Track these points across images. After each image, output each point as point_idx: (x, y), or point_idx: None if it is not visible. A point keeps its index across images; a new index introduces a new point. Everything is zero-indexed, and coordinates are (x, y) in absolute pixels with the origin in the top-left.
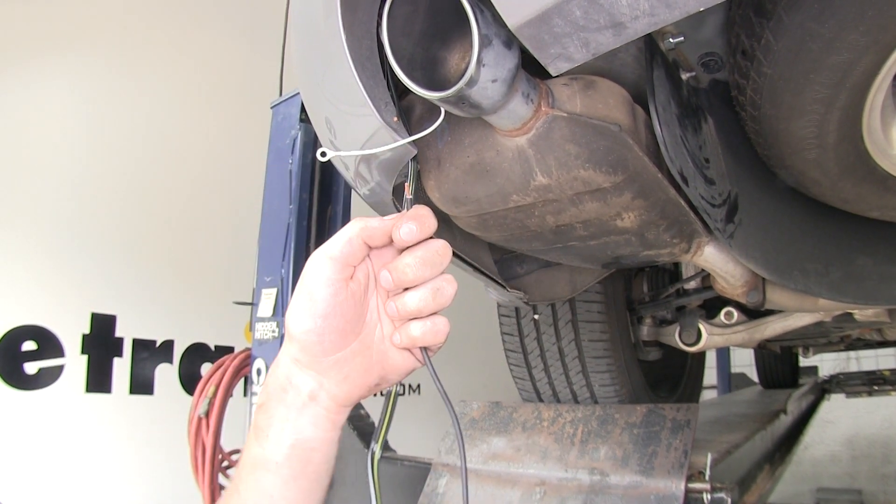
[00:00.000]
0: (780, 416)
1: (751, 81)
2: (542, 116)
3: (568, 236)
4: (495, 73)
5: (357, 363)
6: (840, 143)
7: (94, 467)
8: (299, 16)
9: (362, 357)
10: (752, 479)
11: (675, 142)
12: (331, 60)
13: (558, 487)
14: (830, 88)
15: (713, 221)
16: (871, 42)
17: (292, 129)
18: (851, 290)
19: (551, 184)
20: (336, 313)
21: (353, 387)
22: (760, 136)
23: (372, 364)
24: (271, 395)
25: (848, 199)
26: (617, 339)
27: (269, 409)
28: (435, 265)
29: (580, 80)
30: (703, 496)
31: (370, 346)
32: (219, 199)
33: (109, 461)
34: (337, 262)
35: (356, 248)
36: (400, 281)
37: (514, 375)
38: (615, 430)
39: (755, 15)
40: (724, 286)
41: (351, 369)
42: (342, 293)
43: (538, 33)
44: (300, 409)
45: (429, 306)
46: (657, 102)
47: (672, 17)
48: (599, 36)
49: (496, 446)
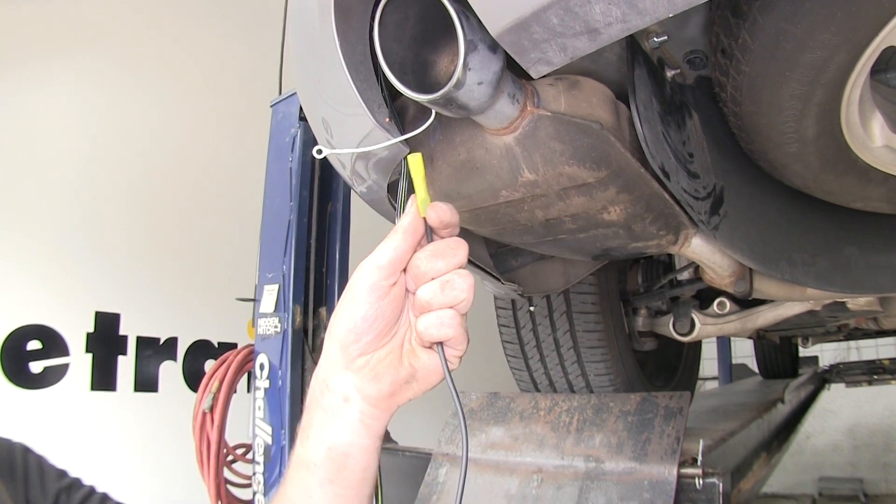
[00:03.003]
0: (777, 405)
1: (731, 79)
2: (527, 116)
3: (557, 229)
4: (481, 75)
5: (387, 361)
6: (819, 137)
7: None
8: (296, 21)
9: (393, 355)
10: (747, 467)
11: (657, 138)
12: (326, 64)
13: (555, 475)
14: (806, 85)
15: (697, 214)
16: (842, 41)
17: (292, 127)
18: (838, 280)
19: (538, 180)
20: (376, 315)
21: (383, 385)
22: (742, 131)
23: (401, 361)
24: (312, 397)
25: (831, 191)
26: (611, 329)
27: (309, 411)
28: (447, 257)
29: (565, 81)
30: (695, 481)
31: (401, 344)
32: (220, 197)
33: (115, 458)
34: (383, 269)
35: (401, 253)
36: (415, 275)
37: (511, 366)
38: (610, 419)
39: (732, 16)
40: (713, 276)
41: (381, 367)
42: (385, 297)
43: (518, 39)
44: (336, 413)
45: (437, 299)
46: (638, 100)
47: (644, 23)
48: (576, 41)
49: (495, 435)
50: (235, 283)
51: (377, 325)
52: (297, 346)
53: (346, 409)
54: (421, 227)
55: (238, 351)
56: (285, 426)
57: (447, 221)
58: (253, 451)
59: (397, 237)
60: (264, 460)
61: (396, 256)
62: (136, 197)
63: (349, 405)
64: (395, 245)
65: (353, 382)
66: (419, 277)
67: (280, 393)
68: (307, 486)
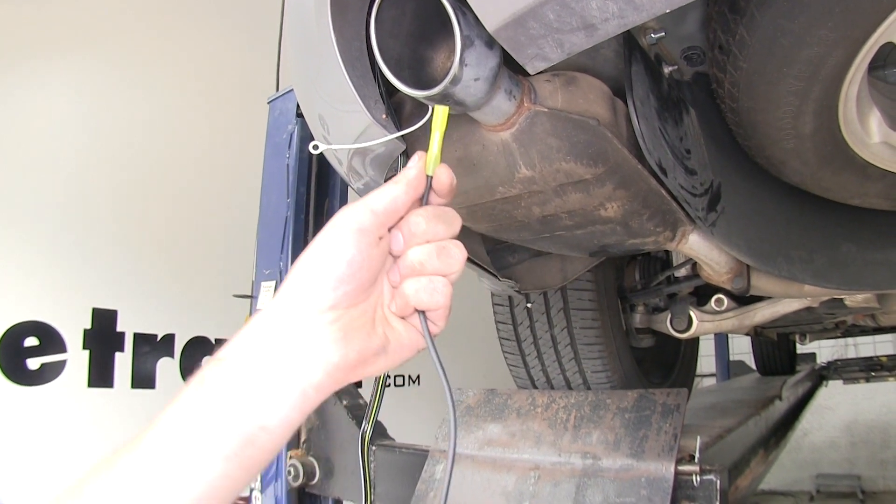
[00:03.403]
0: (774, 401)
1: (728, 75)
2: (524, 112)
3: (554, 226)
4: (478, 71)
5: (360, 324)
6: (817, 133)
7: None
8: (293, 19)
9: (366, 320)
10: (745, 464)
11: (654, 134)
12: (323, 61)
13: (552, 472)
14: (804, 81)
15: (694, 210)
16: (840, 37)
17: (289, 123)
18: (836, 276)
19: (535, 176)
20: (362, 263)
21: (350, 350)
22: (740, 127)
23: (374, 328)
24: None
25: (829, 188)
26: (608, 326)
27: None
28: (448, 223)
29: (562, 77)
30: (692, 478)
31: (374, 309)
32: (218, 193)
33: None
34: (377, 216)
35: (399, 205)
36: (410, 234)
37: (508, 363)
38: (607, 415)
39: (730, 12)
40: (710, 273)
41: (352, 329)
42: (374, 246)
43: (515, 35)
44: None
45: (431, 263)
46: (635, 97)
47: (640, 19)
48: (572, 37)
49: (491, 432)
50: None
51: (360, 276)
52: None
53: (291, 371)
54: (423, 185)
55: None
56: None
57: (451, 188)
58: None
59: (399, 188)
60: None
61: (394, 207)
62: (133, 194)
63: (297, 367)
64: (396, 195)
65: (314, 339)
66: (413, 237)
67: None
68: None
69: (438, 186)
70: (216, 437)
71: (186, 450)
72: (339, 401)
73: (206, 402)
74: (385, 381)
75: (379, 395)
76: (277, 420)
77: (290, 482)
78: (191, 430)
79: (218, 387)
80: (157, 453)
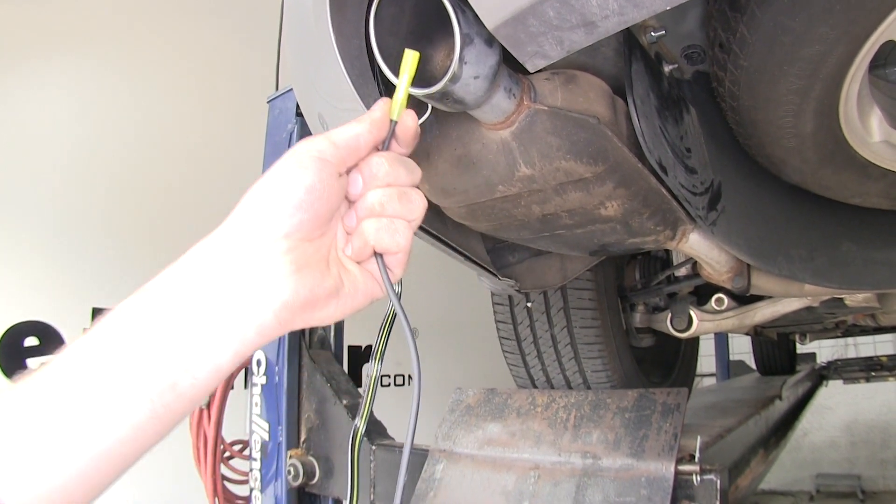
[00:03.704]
0: (774, 401)
1: (728, 73)
2: (524, 110)
3: (554, 225)
4: (477, 69)
5: (315, 261)
6: (818, 132)
7: None
8: (291, 17)
9: (320, 258)
10: (745, 463)
11: (654, 133)
12: (322, 59)
13: (552, 471)
14: (804, 79)
15: (694, 209)
16: (841, 35)
17: (289, 122)
18: (836, 276)
19: (535, 174)
20: (322, 192)
21: (302, 287)
22: (740, 125)
23: (328, 268)
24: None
25: (829, 187)
26: (608, 325)
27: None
28: (409, 170)
29: (562, 75)
30: (692, 478)
31: (329, 250)
32: (218, 192)
33: None
34: (338, 149)
35: (361, 143)
36: (370, 175)
37: (508, 363)
38: (607, 415)
39: (730, 10)
40: (710, 272)
41: (306, 265)
42: (334, 180)
43: (515, 33)
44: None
45: (392, 205)
46: (635, 95)
47: (641, 16)
48: (572, 34)
49: (491, 432)
50: None
51: (318, 207)
52: (294, 342)
53: (234, 306)
54: (385, 129)
55: None
56: (282, 423)
57: (414, 135)
58: (250, 448)
59: (362, 126)
60: (261, 457)
61: (356, 144)
62: (133, 193)
63: (242, 302)
64: (358, 132)
65: (264, 270)
66: (374, 180)
67: (277, 389)
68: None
69: (403, 133)
70: (131, 381)
71: (91, 392)
72: (338, 400)
73: (125, 337)
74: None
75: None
76: (208, 366)
77: (289, 482)
78: (101, 370)
79: (148, 320)
80: (56, 394)
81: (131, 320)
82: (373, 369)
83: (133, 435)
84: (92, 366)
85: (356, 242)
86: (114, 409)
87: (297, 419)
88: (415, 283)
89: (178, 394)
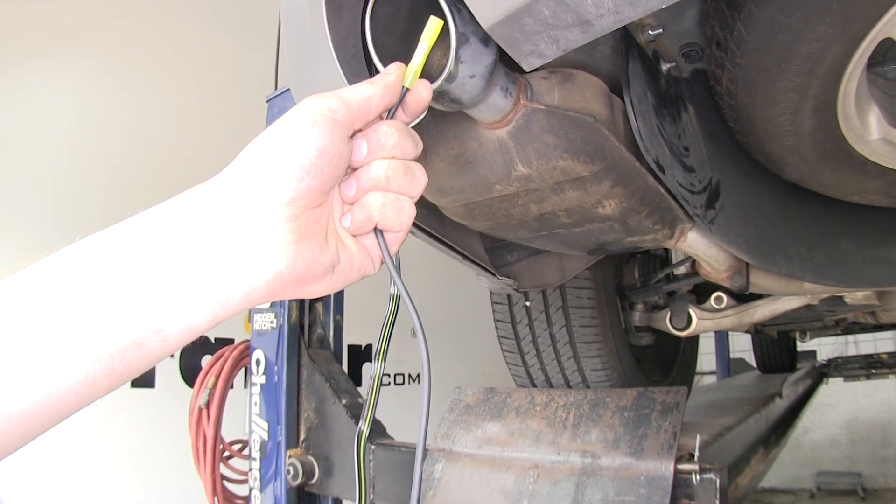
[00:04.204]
0: (775, 399)
1: (726, 71)
2: (521, 109)
3: (552, 224)
4: (473, 69)
5: (315, 230)
6: (816, 130)
7: (96, 460)
8: (288, 16)
9: (319, 229)
10: (745, 462)
11: (651, 131)
12: (318, 58)
13: (551, 470)
14: (802, 77)
15: (692, 208)
16: (838, 32)
17: None
18: (835, 274)
19: (532, 173)
20: (331, 156)
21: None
22: (738, 124)
23: (327, 241)
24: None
25: (828, 184)
26: (607, 324)
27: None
28: (416, 142)
29: (558, 74)
30: (692, 477)
31: (329, 220)
32: None
33: (111, 454)
34: (350, 109)
35: (373, 106)
36: (378, 146)
37: (507, 362)
38: (606, 414)
39: (727, 8)
40: (709, 271)
41: (307, 234)
42: (344, 144)
43: (510, 32)
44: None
45: (397, 180)
46: (632, 94)
47: (636, 14)
48: (568, 33)
49: (491, 431)
50: None
51: (327, 171)
52: (294, 342)
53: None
54: (397, 95)
55: (234, 346)
56: (281, 422)
57: (424, 106)
58: (249, 447)
59: (374, 89)
60: (260, 456)
61: (367, 107)
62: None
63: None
64: (370, 94)
65: (263, 235)
66: (380, 149)
67: (276, 389)
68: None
69: (414, 102)
70: (92, 333)
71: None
72: (338, 400)
73: (92, 278)
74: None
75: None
76: (181, 326)
77: (289, 481)
78: (59, 313)
79: (117, 266)
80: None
81: (101, 260)
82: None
83: (80, 389)
84: (48, 304)
85: (358, 215)
86: (65, 361)
87: (297, 418)
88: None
89: (143, 353)
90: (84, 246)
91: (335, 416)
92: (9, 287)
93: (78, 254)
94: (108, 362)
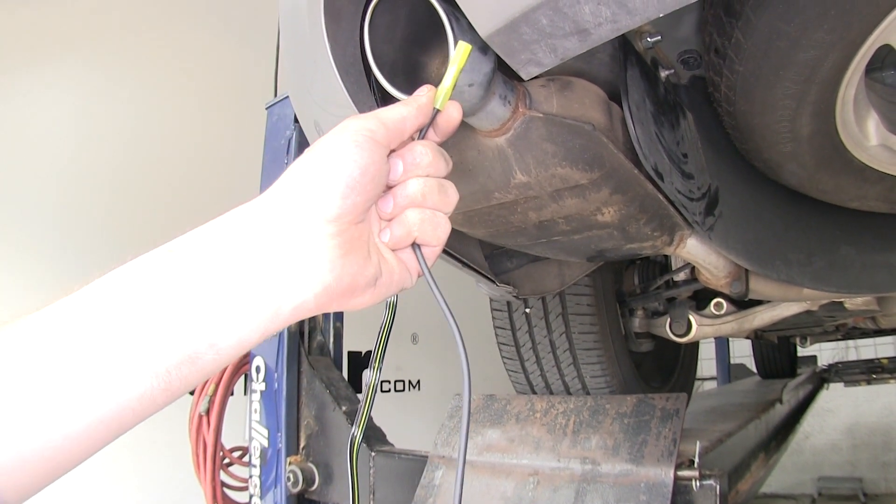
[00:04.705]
0: (775, 405)
1: (724, 78)
2: (519, 117)
3: (551, 231)
4: (472, 77)
5: (359, 245)
6: (814, 136)
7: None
8: (287, 23)
9: (363, 241)
10: (745, 468)
11: (650, 138)
12: (317, 66)
13: (551, 477)
14: (800, 84)
15: (691, 215)
16: (836, 39)
17: (287, 129)
18: (835, 279)
19: (531, 181)
20: (374, 174)
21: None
22: (737, 130)
23: (369, 255)
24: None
25: (827, 190)
26: (607, 330)
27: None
28: (447, 161)
29: (557, 82)
30: (692, 483)
31: (370, 235)
32: (216, 199)
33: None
34: (389, 129)
35: (408, 126)
36: (413, 164)
37: (507, 368)
38: (606, 420)
39: (725, 15)
40: (709, 277)
41: (352, 248)
42: (384, 163)
43: (508, 41)
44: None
45: (432, 197)
46: (631, 101)
47: (634, 23)
48: (566, 42)
49: (490, 438)
50: None
51: (370, 189)
52: (294, 349)
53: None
54: (429, 116)
55: None
56: (281, 429)
57: (454, 128)
58: (249, 454)
59: (409, 109)
60: (260, 463)
61: (402, 127)
62: (133, 196)
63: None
64: (405, 115)
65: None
66: (416, 168)
67: (276, 396)
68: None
69: (445, 123)
70: (152, 350)
71: (101, 353)
72: (338, 406)
73: (148, 296)
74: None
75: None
76: (233, 339)
77: (289, 488)
78: (116, 330)
79: (171, 284)
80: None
81: (156, 278)
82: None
83: (138, 405)
84: (106, 323)
85: (398, 230)
86: (125, 377)
87: (297, 425)
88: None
89: (198, 367)
90: (136, 266)
91: (335, 423)
92: (66, 308)
93: (131, 273)
94: (165, 377)
